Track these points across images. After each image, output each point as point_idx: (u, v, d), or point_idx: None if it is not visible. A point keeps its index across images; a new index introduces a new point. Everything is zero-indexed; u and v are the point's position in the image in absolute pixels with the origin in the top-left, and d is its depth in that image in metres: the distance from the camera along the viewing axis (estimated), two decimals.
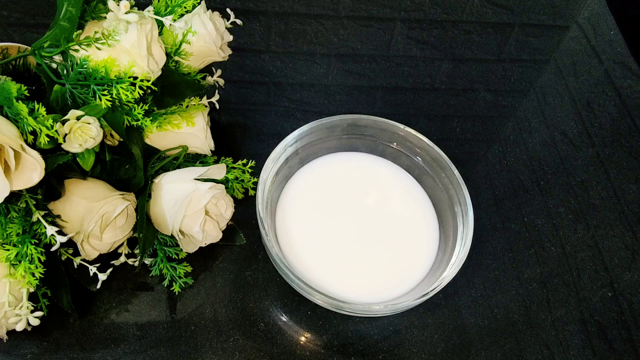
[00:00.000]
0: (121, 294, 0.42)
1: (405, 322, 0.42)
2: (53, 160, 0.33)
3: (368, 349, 0.41)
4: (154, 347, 0.39)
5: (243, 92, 0.56)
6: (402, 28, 0.64)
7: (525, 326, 0.43)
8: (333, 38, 0.61)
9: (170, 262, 0.41)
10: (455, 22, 0.65)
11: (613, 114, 0.58)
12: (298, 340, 0.41)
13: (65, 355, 0.39)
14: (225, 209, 0.41)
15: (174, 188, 0.39)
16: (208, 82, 0.46)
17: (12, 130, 0.31)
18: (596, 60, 0.63)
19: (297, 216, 0.44)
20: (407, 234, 0.44)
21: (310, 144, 0.45)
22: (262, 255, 0.45)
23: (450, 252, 0.41)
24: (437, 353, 0.41)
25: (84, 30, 0.36)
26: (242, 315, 0.41)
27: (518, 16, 0.66)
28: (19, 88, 0.32)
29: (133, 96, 0.34)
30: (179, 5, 0.41)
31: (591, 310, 0.44)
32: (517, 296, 0.44)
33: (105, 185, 0.39)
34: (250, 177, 0.46)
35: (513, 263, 0.46)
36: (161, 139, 0.43)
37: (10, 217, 0.34)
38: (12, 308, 0.33)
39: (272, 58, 0.59)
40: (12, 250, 0.33)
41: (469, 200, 0.41)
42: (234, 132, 0.53)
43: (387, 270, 0.42)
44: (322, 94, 0.57)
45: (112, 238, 0.37)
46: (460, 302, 0.44)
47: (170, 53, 0.39)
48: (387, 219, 0.44)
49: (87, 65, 0.34)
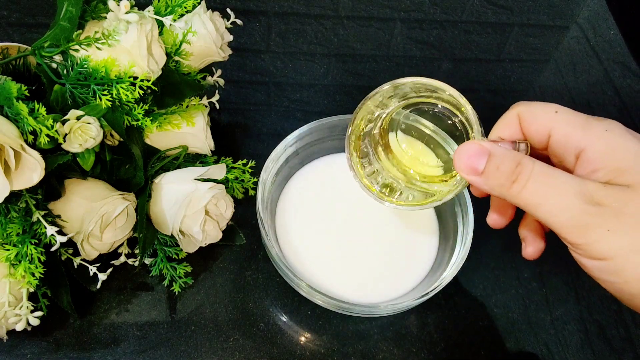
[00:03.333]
0: (121, 294, 0.42)
1: (405, 322, 0.42)
2: (53, 160, 0.33)
3: (368, 349, 0.41)
4: (154, 347, 0.39)
5: (243, 92, 0.56)
6: (402, 28, 0.64)
7: (524, 325, 0.43)
8: (333, 38, 0.61)
9: (170, 262, 0.41)
10: (455, 22, 0.65)
11: (613, 114, 0.58)
12: (298, 340, 0.41)
13: (65, 355, 0.39)
14: (225, 209, 0.41)
15: (174, 188, 0.39)
16: (208, 82, 0.46)
17: (12, 130, 0.31)
18: (596, 60, 0.63)
19: (297, 216, 0.44)
20: (407, 233, 0.44)
21: (310, 144, 0.45)
22: (262, 255, 0.45)
23: (450, 252, 0.41)
24: (437, 353, 0.41)
25: (84, 30, 0.36)
26: (242, 315, 0.41)
27: (518, 16, 0.66)
28: (19, 88, 0.32)
29: (133, 96, 0.34)
30: (179, 5, 0.41)
31: (590, 309, 0.44)
32: (516, 295, 0.44)
33: (105, 185, 0.39)
34: (250, 177, 0.46)
35: (513, 263, 0.46)
36: (161, 139, 0.43)
37: (10, 217, 0.34)
38: (12, 308, 0.33)
39: (272, 58, 0.59)
40: (12, 250, 0.33)
41: (469, 200, 0.41)
42: (234, 132, 0.53)
43: (387, 270, 0.42)
44: (322, 94, 0.57)
45: (112, 238, 0.37)
46: (460, 302, 0.44)
47: (170, 53, 0.39)
48: (387, 219, 0.44)
49: (87, 65, 0.34)
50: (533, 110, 0.27)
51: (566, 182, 0.23)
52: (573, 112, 0.26)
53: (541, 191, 0.23)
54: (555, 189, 0.23)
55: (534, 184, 0.23)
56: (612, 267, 0.23)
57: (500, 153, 0.25)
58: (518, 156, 0.25)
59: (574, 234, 0.23)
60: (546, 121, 0.26)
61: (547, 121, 0.26)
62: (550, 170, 0.24)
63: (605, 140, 0.24)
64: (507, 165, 0.24)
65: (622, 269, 0.22)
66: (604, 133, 0.24)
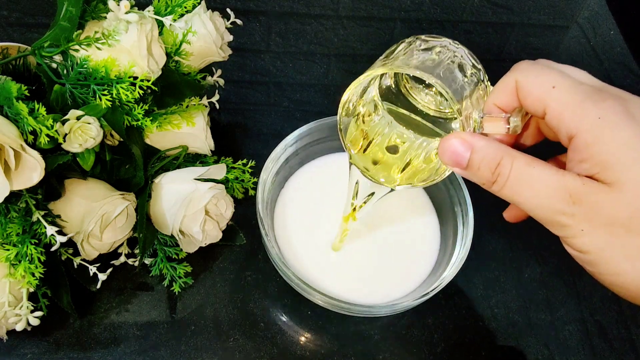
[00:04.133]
0: (121, 294, 0.42)
1: (405, 322, 0.42)
2: (53, 160, 0.33)
3: (368, 349, 0.41)
4: (154, 347, 0.39)
5: (243, 92, 0.56)
6: (402, 28, 0.64)
7: (525, 326, 0.43)
8: (333, 38, 0.61)
9: (170, 262, 0.41)
10: (455, 22, 0.65)
11: None
12: (298, 340, 0.41)
13: (65, 355, 0.39)
14: (225, 209, 0.41)
15: (174, 188, 0.39)
16: (208, 82, 0.46)
17: (12, 130, 0.31)
18: (596, 60, 0.63)
19: (297, 216, 0.44)
20: (407, 234, 0.44)
21: (310, 144, 0.45)
22: (262, 255, 0.45)
23: (450, 252, 0.41)
24: (437, 353, 0.41)
25: (84, 30, 0.36)
26: (242, 315, 0.41)
27: (518, 16, 0.66)
28: (19, 88, 0.32)
29: (133, 96, 0.34)
30: (179, 5, 0.41)
31: (591, 310, 0.44)
32: (517, 296, 0.44)
33: (105, 185, 0.39)
34: (250, 177, 0.45)
35: (513, 263, 0.46)
36: (161, 139, 0.43)
37: (10, 217, 0.34)
38: (12, 308, 0.33)
39: (272, 58, 0.59)
40: (12, 250, 0.33)
41: (469, 200, 0.41)
42: (234, 132, 0.53)
43: (387, 270, 0.42)
44: (322, 94, 0.57)
45: (112, 238, 0.37)
46: (460, 302, 0.44)
47: (170, 53, 0.39)
48: (388, 219, 0.44)
49: (87, 65, 0.34)
50: (530, 81, 0.25)
51: (544, 179, 0.23)
52: (572, 89, 0.24)
53: (519, 190, 0.24)
54: (533, 188, 0.24)
55: (512, 183, 0.24)
56: (589, 259, 0.24)
57: (482, 149, 0.25)
58: (499, 154, 0.24)
59: (553, 229, 0.24)
60: (541, 96, 0.25)
61: (542, 97, 0.24)
62: (529, 168, 0.24)
63: (595, 130, 0.22)
64: (487, 165, 0.25)
65: (598, 263, 0.23)
66: (596, 121, 0.23)
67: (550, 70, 0.25)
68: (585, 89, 0.24)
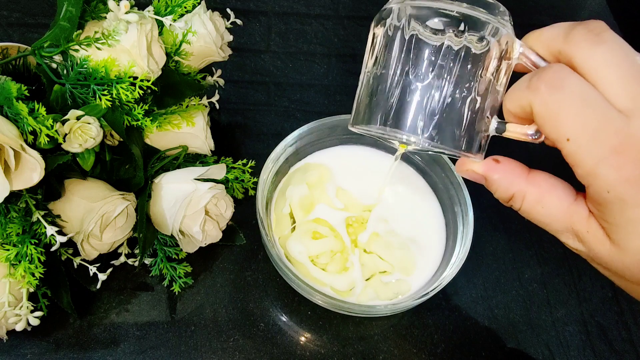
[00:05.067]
0: (121, 294, 0.42)
1: (405, 322, 0.42)
2: (53, 160, 0.33)
3: (368, 349, 0.41)
4: (154, 347, 0.39)
5: (243, 92, 0.56)
6: None
7: (525, 326, 0.43)
8: (333, 38, 0.61)
9: (170, 262, 0.41)
10: None
11: None
12: (298, 341, 0.41)
13: (65, 355, 0.39)
14: (225, 209, 0.41)
15: (174, 188, 0.39)
16: (208, 82, 0.46)
17: (12, 130, 0.31)
18: None
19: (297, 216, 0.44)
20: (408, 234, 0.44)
21: (310, 144, 0.45)
22: (262, 255, 0.45)
23: (450, 252, 0.41)
24: (437, 353, 0.41)
25: (84, 30, 0.36)
26: (242, 315, 0.41)
27: (518, 17, 0.66)
28: (19, 88, 0.32)
29: (133, 96, 0.34)
30: (179, 5, 0.41)
31: (592, 311, 0.44)
32: (517, 296, 0.44)
33: (105, 185, 0.39)
34: (250, 177, 0.45)
35: (513, 263, 0.46)
36: (161, 139, 0.43)
37: (10, 217, 0.34)
38: (12, 308, 0.33)
39: (272, 58, 0.59)
40: (12, 250, 0.33)
41: (469, 200, 0.41)
42: (234, 132, 0.53)
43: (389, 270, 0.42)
44: (322, 94, 0.57)
45: (112, 238, 0.37)
46: (461, 302, 0.44)
47: (170, 53, 0.39)
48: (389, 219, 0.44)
49: (87, 65, 0.34)
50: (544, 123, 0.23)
51: (554, 215, 0.25)
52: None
53: (531, 216, 0.26)
54: (542, 222, 0.26)
55: (524, 213, 0.26)
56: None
57: (494, 182, 0.27)
58: (510, 190, 0.26)
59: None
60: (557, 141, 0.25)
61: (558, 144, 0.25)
62: (538, 207, 0.25)
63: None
64: (500, 195, 0.27)
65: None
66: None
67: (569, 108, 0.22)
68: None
